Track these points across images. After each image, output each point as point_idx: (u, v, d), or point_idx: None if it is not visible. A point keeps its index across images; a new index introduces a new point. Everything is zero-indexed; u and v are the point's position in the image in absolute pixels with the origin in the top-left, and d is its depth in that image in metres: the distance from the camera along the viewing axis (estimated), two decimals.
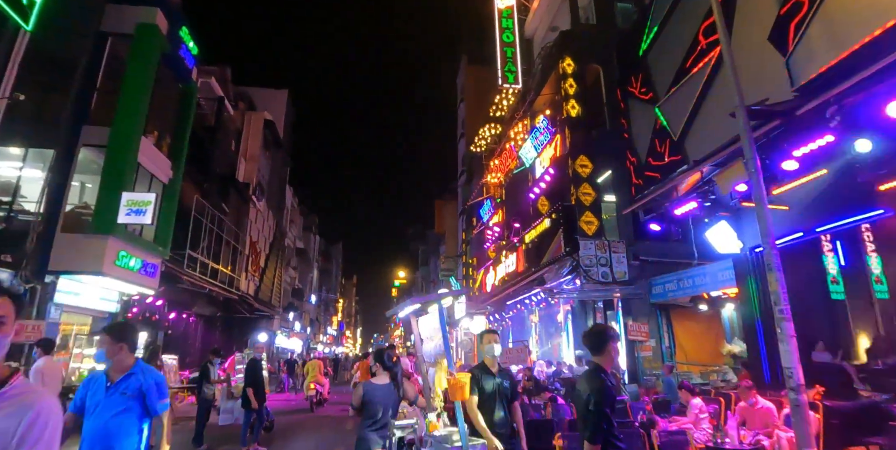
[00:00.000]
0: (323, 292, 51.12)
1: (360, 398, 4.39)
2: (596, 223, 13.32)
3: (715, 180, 6.72)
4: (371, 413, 4.36)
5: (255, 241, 20.52)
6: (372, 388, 4.44)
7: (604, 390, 2.94)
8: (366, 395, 4.38)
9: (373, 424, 4.36)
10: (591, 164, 13.83)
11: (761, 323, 8.77)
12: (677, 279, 11.98)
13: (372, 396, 4.39)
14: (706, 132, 8.17)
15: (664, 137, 9.12)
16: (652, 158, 9.54)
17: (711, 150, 7.81)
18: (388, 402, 4.42)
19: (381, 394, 4.43)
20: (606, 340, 3.19)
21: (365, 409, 4.39)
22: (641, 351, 12.54)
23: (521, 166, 18.01)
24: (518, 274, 16.40)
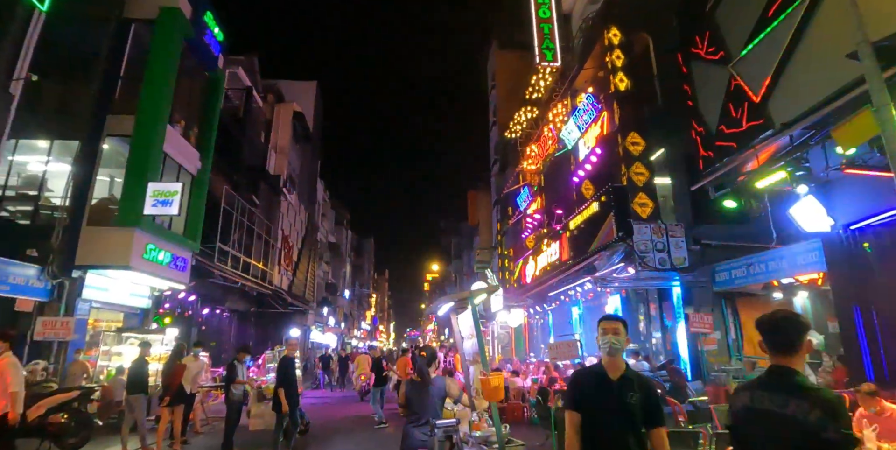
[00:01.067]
0: (356, 287, 50.94)
1: (403, 396, 4.57)
2: (651, 205, 12.18)
3: (834, 137, 5.59)
4: (414, 410, 4.44)
5: (287, 234, 20.08)
6: (412, 385, 4.58)
7: (844, 409, 1.94)
8: (408, 392, 4.54)
9: (416, 420, 4.42)
10: (643, 141, 12.67)
11: (860, 311, 7.57)
12: (747, 265, 10.76)
13: (412, 393, 4.51)
14: (797, 90, 7.01)
15: (741, 100, 7.97)
16: (725, 126, 8.39)
17: (803, 109, 6.68)
18: (430, 400, 4.44)
19: (420, 391, 4.50)
20: (803, 332, 2.25)
21: (409, 406, 4.49)
22: (705, 344, 11.38)
23: (563, 149, 16.90)
24: (562, 263, 15.37)
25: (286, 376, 6.81)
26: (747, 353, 11.61)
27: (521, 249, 23.76)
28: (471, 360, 6.04)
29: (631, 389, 2.81)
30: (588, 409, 2.81)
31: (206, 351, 11.45)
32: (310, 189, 26.55)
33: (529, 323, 25.50)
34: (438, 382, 4.59)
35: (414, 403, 4.44)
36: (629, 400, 2.75)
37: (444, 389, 4.59)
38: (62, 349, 9.49)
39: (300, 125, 24.64)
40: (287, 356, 6.96)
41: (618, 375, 2.90)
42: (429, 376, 4.58)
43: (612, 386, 2.82)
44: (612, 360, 2.96)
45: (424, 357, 4.69)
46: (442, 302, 5.14)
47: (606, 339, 2.97)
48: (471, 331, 6.00)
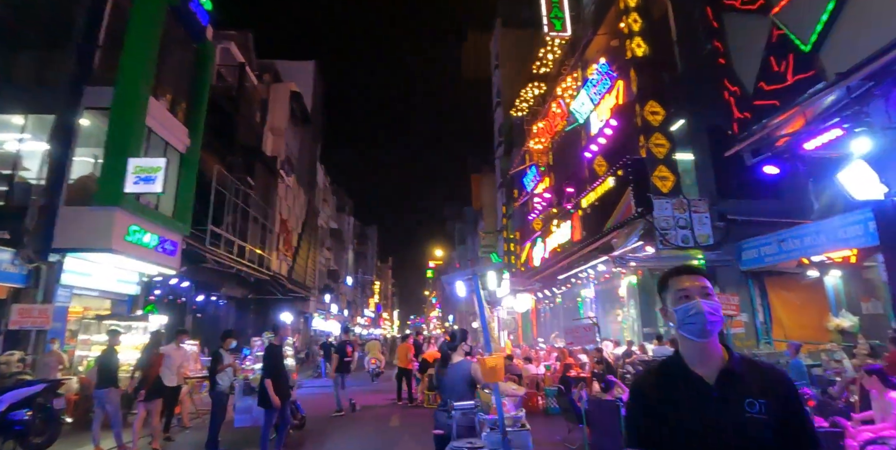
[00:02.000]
0: (359, 274, 50.36)
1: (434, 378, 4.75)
2: (672, 179, 11.33)
3: None
4: (441, 392, 4.50)
5: (285, 218, 19.32)
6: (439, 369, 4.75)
7: None
8: (435, 376, 4.83)
9: (443, 403, 4.37)
10: (662, 110, 11.77)
11: None
12: (778, 240, 9.94)
13: (438, 376, 4.68)
14: (855, 34, 6.13)
15: (785, 51, 7.07)
16: (765, 82, 7.49)
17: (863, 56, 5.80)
18: (453, 383, 4.34)
19: (448, 375, 4.43)
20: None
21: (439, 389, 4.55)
22: (732, 327, 10.61)
23: (574, 123, 15.99)
24: (575, 244, 14.58)
25: (273, 367, 6.04)
26: (776, 336, 10.86)
27: (528, 231, 22.98)
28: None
29: (748, 392, 1.52)
30: (673, 425, 1.53)
31: (194, 339, 10.76)
32: (309, 173, 25.71)
33: (537, 308, 24.79)
34: (464, 365, 4.38)
35: (439, 386, 4.48)
36: (748, 414, 1.49)
37: (470, 372, 4.31)
38: (40, 339, 8.78)
39: (298, 106, 23.71)
40: (275, 344, 6.17)
41: (716, 369, 1.59)
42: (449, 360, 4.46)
43: (709, 392, 1.55)
44: (703, 346, 1.64)
45: (450, 341, 4.54)
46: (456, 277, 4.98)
47: (693, 306, 1.63)
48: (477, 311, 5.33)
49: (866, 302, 11.71)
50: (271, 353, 6.07)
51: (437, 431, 4.28)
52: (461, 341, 4.59)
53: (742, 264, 10.85)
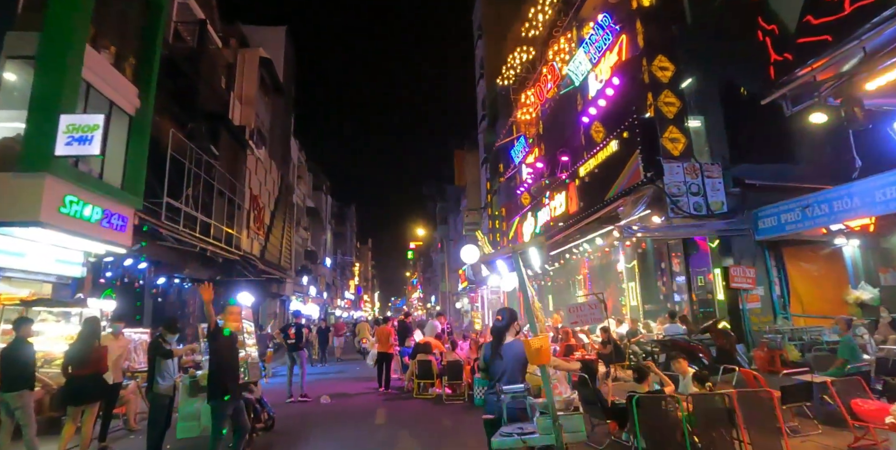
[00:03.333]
0: (338, 256, 48.93)
1: (482, 359, 4.25)
2: (683, 141, 10.30)
3: None
4: (491, 375, 4.17)
5: (256, 194, 17.84)
6: (487, 349, 4.26)
7: None
8: (484, 355, 4.25)
9: (492, 386, 4.13)
10: (672, 66, 10.68)
11: None
12: (802, 206, 9.03)
13: (487, 357, 4.20)
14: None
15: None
16: (814, 15, 6.40)
17: None
18: (505, 364, 4.06)
19: (502, 356, 4.11)
20: None
21: (488, 370, 4.21)
22: (748, 302, 9.77)
23: (569, 86, 14.81)
24: (570, 216, 13.56)
25: (218, 358, 4.82)
26: (794, 310, 10.06)
27: (515, 206, 21.93)
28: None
29: None
30: None
31: (151, 327, 9.45)
32: (283, 147, 24.10)
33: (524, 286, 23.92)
34: (515, 346, 4.12)
35: (491, 367, 4.15)
36: None
37: (523, 353, 4.05)
38: None
39: (268, 74, 21.95)
40: (220, 328, 4.88)
41: None
42: (503, 339, 4.16)
43: None
44: None
45: (501, 321, 4.24)
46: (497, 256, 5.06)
47: None
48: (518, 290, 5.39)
49: (885, 273, 10.98)
50: (216, 340, 4.82)
51: (488, 415, 4.06)
52: (512, 321, 4.29)
53: (758, 233, 9.96)
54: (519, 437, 3.57)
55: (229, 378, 4.89)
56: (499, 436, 3.65)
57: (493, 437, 3.69)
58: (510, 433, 3.63)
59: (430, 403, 8.98)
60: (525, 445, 3.56)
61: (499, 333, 4.20)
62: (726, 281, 9.67)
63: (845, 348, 6.49)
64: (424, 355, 9.03)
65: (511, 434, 3.61)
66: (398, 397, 10.03)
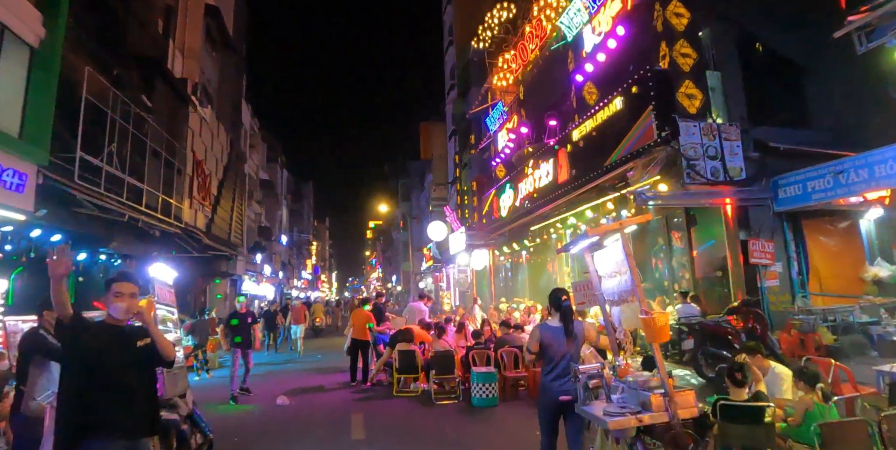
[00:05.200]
0: (294, 234, 46.42)
1: (536, 342, 3.97)
2: (700, 98, 9.07)
3: None
4: (550, 358, 3.94)
5: (201, 159, 15.63)
6: (549, 330, 3.99)
7: None
8: (543, 338, 3.96)
9: (552, 370, 3.93)
10: (688, 12, 9.35)
11: None
12: (835, 172, 7.98)
13: (550, 339, 3.94)
14: None
15: None
16: None
17: None
18: (566, 345, 3.90)
19: (559, 337, 3.94)
20: None
21: (544, 354, 3.98)
22: (766, 279, 8.78)
23: (560, 42, 13.33)
24: (561, 185, 12.26)
25: (74, 375, 2.66)
26: (812, 289, 9.15)
27: (489, 180, 20.56)
28: (615, 300, 4.98)
29: None
30: None
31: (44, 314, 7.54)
32: (233, 110, 21.66)
33: (495, 265, 22.76)
34: (577, 326, 4.06)
35: (552, 349, 3.92)
36: None
37: (584, 333, 4.11)
38: None
39: (216, 25, 19.38)
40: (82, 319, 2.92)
41: None
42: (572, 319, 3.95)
43: None
44: None
45: (566, 300, 3.97)
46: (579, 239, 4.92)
47: None
48: (616, 269, 5.02)
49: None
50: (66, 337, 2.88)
51: (565, 397, 3.87)
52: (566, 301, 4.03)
53: (778, 204, 8.92)
54: (633, 415, 3.45)
55: (97, 410, 2.67)
56: (609, 416, 3.45)
57: (607, 417, 3.44)
58: (621, 412, 3.48)
59: (416, 403, 7.43)
60: (640, 423, 3.45)
61: (569, 312, 3.99)
62: (745, 256, 8.62)
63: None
64: (406, 345, 7.53)
65: (623, 413, 3.47)
66: (375, 395, 8.27)
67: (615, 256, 5.21)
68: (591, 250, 5.44)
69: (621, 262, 5.01)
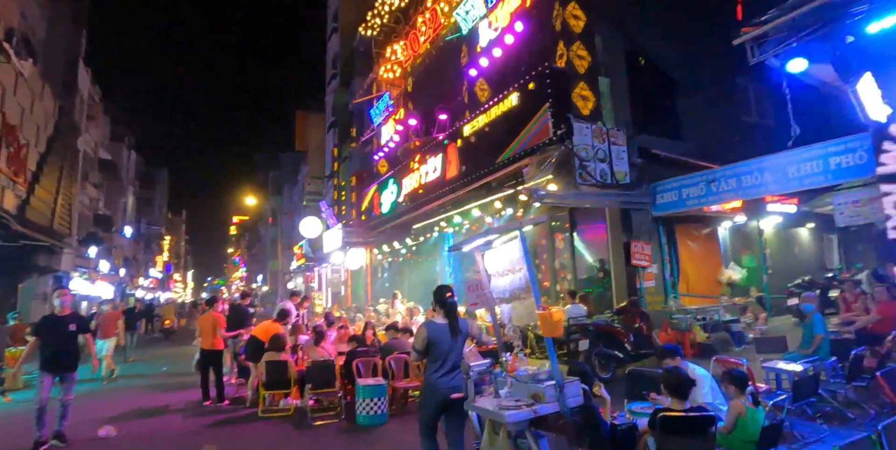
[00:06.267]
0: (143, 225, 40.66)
1: (423, 340, 3.94)
2: (593, 100, 9.17)
3: None
4: (437, 356, 3.94)
5: (14, 124, 12.47)
6: (435, 328, 3.99)
7: None
8: (430, 336, 3.93)
9: (440, 368, 3.93)
10: (584, 16, 9.42)
11: None
12: (707, 180, 8.49)
13: (437, 336, 3.94)
14: None
15: None
16: None
17: None
18: (453, 342, 3.98)
19: (446, 334, 3.99)
20: None
21: (430, 352, 3.95)
22: (644, 280, 9.10)
23: (456, 33, 12.91)
24: (449, 181, 11.81)
25: None
26: (681, 290, 9.72)
27: (370, 174, 19.62)
28: (506, 297, 5.10)
29: None
30: None
31: None
32: (66, 70, 17.95)
33: (372, 265, 21.82)
34: (463, 322, 4.11)
35: (439, 347, 3.92)
36: None
37: (469, 330, 4.19)
38: None
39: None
40: None
41: None
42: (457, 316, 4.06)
43: None
44: None
45: (452, 297, 4.08)
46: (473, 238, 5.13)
47: None
48: (510, 267, 5.08)
49: (745, 254, 11.46)
50: None
51: (458, 394, 3.88)
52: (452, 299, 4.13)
53: (656, 209, 9.32)
54: (529, 409, 3.62)
55: None
56: (506, 410, 3.58)
57: (505, 411, 3.55)
58: (516, 406, 3.65)
59: (287, 425, 6.11)
60: (536, 415, 3.62)
61: (455, 308, 4.10)
62: (627, 258, 8.83)
63: (819, 324, 5.75)
64: (276, 354, 6.27)
65: (518, 406, 3.64)
66: (234, 417, 6.70)
67: (510, 255, 5.33)
68: (482, 249, 5.52)
69: (517, 260, 5.17)
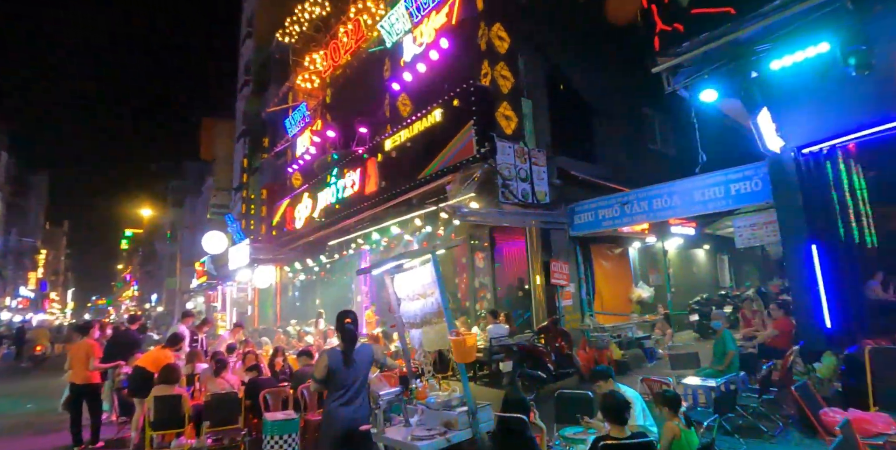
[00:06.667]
0: (13, 237, 35.66)
1: (324, 369, 3.67)
2: (515, 120, 9.28)
3: None
4: (339, 384, 3.68)
5: None
6: (336, 355, 3.72)
7: None
8: (331, 364, 3.67)
9: (342, 396, 3.65)
10: (509, 38, 9.58)
11: (823, 250, 6.01)
12: (621, 202, 8.82)
13: (338, 364, 3.68)
14: None
15: None
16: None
17: None
18: (355, 371, 3.71)
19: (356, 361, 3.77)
20: None
21: (332, 381, 3.69)
22: (563, 299, 9.22)
23: (379, 46, 12.66)
24: (368, 196, 11.41)
25: None
26: (596, 308, 9.97)
27: (283, 187, 18.66)
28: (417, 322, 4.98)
29: None
30: None
31: None
32: None
33: (283, 283, 20.61)
34: (365, 350, 3.87)
35: (341, 375, 3.66)
36: None
37: (372, 356, 3.96)
38: None
39: None
40: None
41: None
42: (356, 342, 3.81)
43: None
44: None
45: (350, 323, 3.80)
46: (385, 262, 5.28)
47: None
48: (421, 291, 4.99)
49: (652, 274, 12.07)
50: None
51: (365, 426, 3.68)
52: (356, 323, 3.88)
53: (574, 229, 9.53)
54: (441, 436, 3.55)
55: None
56: (419, 440, 3.53)
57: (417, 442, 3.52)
58: (430, 435, 3.58)
59: None
60: (450, 443, 3.55)
61: (354, 336, 3.83)
62: (546, 277, 8.91)
63: (730, 341, 5.97)
64: (167, 387, 5.38)
65: (432, 436, 3.57)
66: None
67: (421, 279, 5.25)
68: (392, 273, 5.38)
69: (429, 284, 5.13)
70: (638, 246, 11.40)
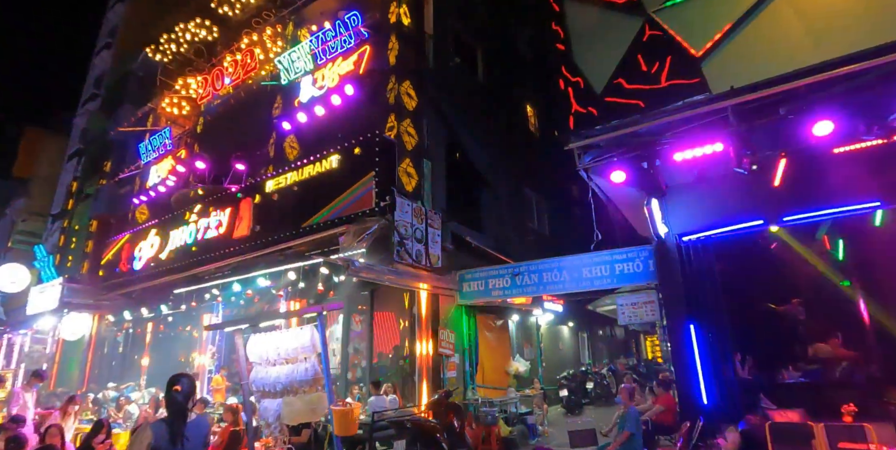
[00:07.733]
0: None
1: (146, 445, 3.02)
2: (416, 179, 9.07)
3: None
4: None
5: None
6: (162, 429, 3.11)
7: None
8: (155, 441, 3.05)
9: None
10: (417, 98, 9.55)
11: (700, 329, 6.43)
12: (512, 273, 8.84)
13: (164, 441, 3.07)
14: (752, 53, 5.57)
15: (664, 52, 6.05)
16: (627, 80, 6.26)
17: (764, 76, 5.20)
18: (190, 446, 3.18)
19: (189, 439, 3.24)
20: None
21: None
22: (448, 370, 8.69)
23: (273, 81, 11.80)
24: (237, 241, 10.04)
25: None
26: (478, 381, 9.56)
27: (123, 221, 16.02)
28: (277, 391, 4.22)
29: None
30: None
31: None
32: None
33: (100, 336, 16.96)
34: (201, 423, 3.41)
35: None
36: None
37: (207, 431, 3.55)
38: None
39: None
40: None
41: None
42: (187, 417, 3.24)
43: None
44: None
45: (179, 392, 3.23)
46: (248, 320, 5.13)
47: None
48: (293, 355, 4.59)
49: (526, 348, 12.14)
50: None
51: None
52: (192, 392, 3.31)
53: (462, 296, 9.27)
54: None
55: None
56: None
57: None
58: None
59: None
60: None
61: (182, 408, 3.22)
62: (435, 346, 8.37)
63: (632, 421, 5.81)
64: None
65: None
66: None
67: (295, 341, 4.99)
68: (247, 333, 5.05)
69: (306, 347, 4.90)
70: (517, 319, 11.48)
